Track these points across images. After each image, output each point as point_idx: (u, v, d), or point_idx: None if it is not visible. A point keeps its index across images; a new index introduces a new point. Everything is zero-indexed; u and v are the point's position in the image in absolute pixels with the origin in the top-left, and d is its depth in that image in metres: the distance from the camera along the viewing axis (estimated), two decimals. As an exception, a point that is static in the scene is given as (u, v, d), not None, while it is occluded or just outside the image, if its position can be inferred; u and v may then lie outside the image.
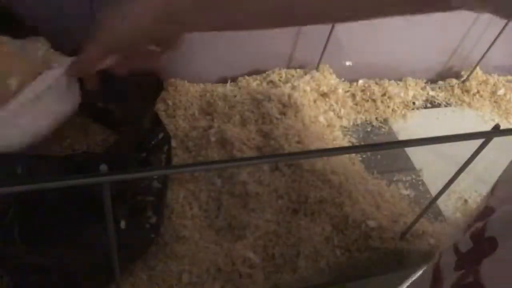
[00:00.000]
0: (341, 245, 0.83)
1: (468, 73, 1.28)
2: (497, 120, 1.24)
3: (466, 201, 1.00)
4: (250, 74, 1.10)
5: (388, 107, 1.16)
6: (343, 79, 1.18)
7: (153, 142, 0.81)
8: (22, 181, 0.55)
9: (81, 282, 0.66)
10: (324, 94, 1.10)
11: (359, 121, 1.12)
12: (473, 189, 1.02)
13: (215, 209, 0.84)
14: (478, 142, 0.63)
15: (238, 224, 0.82)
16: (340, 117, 1.10)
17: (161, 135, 0.83)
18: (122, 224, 0.70)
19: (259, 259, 0.78)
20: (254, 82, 1.08)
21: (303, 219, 0.85)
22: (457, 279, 0.44)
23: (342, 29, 1.04)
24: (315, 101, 1.08)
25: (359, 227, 0.84)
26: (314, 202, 0.86)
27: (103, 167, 0.46)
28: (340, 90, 1.12)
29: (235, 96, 1.02)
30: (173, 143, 0.90)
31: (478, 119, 1.23)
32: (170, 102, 0.99)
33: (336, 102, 1.11)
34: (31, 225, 0.62)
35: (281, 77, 1.10)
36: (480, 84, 1.28)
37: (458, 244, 0.47)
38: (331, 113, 1.09)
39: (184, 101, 1.00)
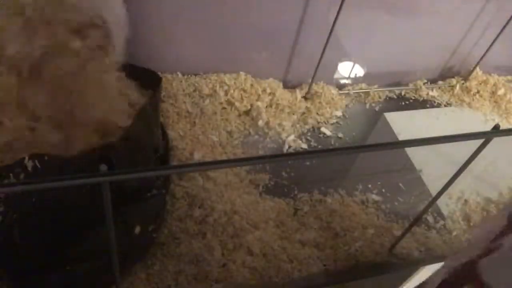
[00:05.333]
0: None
1: (468, 73, 1.28)
2: (497, 120, 1.24)
3: (466, 201, 1.00)
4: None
5: (388, 107, 1.17)
6: (343, 82, 1.18)
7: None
8: (22, 181, 0.55)
9: (81, 283, 0.66)
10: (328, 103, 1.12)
11: (359, 121, 1.13)
12: (473, 189, 1.02)
13: (211, 211, 0.84)
14: (478, 142, 0.63)
15: (236, 225, 0.82)
16: (339, 118, 1.11)
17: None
18: (137, 229, 0.70)
19: (257, 260, 0.78)
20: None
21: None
22: None
23: (342, 29, 1.04)
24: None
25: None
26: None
27: (103, 167, 0.45)
28: (338, 96, 1.14)
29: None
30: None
31: (478, 119, 1.23)
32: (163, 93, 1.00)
33: (336, 108, 1.12)
34: (32, 227, 0.62)
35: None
36: (480, 84, 1.28)
37: None
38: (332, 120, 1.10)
39: (177, 94, 1.01)
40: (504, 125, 1.07)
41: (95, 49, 0.69)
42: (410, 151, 1.07)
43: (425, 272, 1.04)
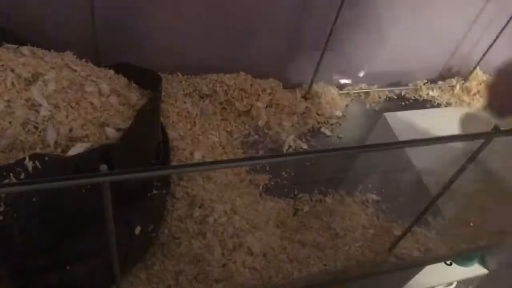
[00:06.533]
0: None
1: (468, 73, 1.28)
2: (497, 120, 1.24)
3: (466, 201, 1.00)
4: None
5: (388, 107, 1.17)
6: (344, 82, 1.18)
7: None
8: (22, 181, 0.55)
9: (81, 283, 0.66)
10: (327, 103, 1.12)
11: (359, 121, 1.13)
12: (473, 189, 1.02)
13: (211, 211, 0.84)
14: (478, 142, 0.63)
15: (236, 225, 0.82)
16: (339, 118, 1.11)
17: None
18: (137, 229, 0.69)
19: (257, 260, 0.78)
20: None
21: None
22: None
23: (342, 29, 1.04)
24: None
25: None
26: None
27: (103, 167, 0.45)
28: (338, 96, 1.14)
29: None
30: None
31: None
32: (163, 93, 1.00)
33: (336, 108, 1.12)
34: (32, 226, 0.62)
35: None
36: (480, 84, 1.28)
37: None
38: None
39: (177, 94, 1.01)
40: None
41: None
42: (410, 151, 1.07)
43: (425, 272, 1.04)
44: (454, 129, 1.06)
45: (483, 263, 1.18)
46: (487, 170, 0.98)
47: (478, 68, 1.27)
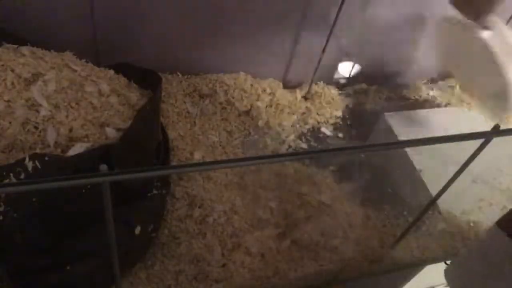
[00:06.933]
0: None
1: (468, 73, 1.28)
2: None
3: (466, 201, 1.00)
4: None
5: (388, 107, 1.17)
6: (343, 82, 1.18)
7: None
8: (22, 181, 0.55)
9: (81, 283, 0.66)
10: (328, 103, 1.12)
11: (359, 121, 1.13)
12: (472, 189, 1.02)
13: (211, 211, 0.84)
14: (478, 142, 0.63)
15: (235, 225, 0.82)
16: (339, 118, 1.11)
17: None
18: (137, 230, 0.69)
19: (256, 260, 0.78)
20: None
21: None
22: None
23: (342, 29, 1.04)
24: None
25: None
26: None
27: (103, 167, 0.45)
28: (338, 96, 1.14)
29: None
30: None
31: (478, 119, 1.23)
32: (163, 93, 1.00)
33: (336, 109, 1.12)
34: (32, 226, 0.62)
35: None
36: (480, 84, 1.28)
37: None
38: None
39: (177, 94, 1.01)
40: (504, 125, 1.07)
41: None
42: (410, 151, 1.07)
43: (425, 272, 1.04)
44: (454, 129, 1.07)
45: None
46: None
47: (478, 68, 1.27)
